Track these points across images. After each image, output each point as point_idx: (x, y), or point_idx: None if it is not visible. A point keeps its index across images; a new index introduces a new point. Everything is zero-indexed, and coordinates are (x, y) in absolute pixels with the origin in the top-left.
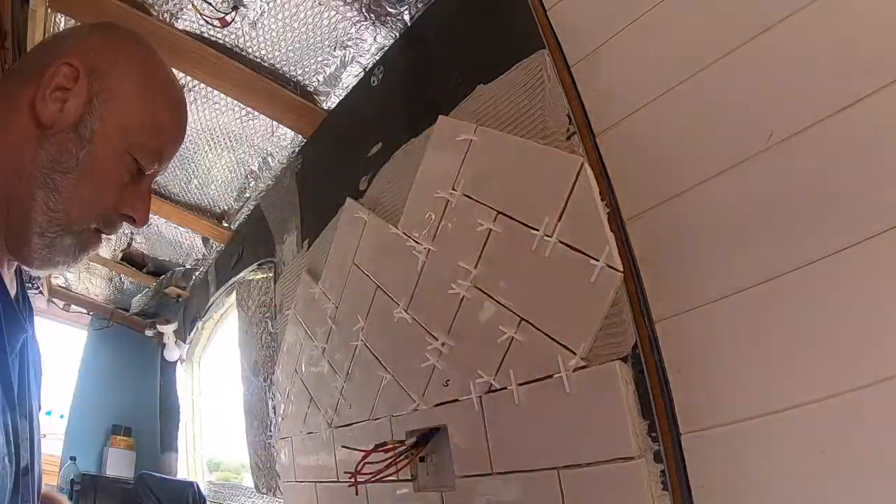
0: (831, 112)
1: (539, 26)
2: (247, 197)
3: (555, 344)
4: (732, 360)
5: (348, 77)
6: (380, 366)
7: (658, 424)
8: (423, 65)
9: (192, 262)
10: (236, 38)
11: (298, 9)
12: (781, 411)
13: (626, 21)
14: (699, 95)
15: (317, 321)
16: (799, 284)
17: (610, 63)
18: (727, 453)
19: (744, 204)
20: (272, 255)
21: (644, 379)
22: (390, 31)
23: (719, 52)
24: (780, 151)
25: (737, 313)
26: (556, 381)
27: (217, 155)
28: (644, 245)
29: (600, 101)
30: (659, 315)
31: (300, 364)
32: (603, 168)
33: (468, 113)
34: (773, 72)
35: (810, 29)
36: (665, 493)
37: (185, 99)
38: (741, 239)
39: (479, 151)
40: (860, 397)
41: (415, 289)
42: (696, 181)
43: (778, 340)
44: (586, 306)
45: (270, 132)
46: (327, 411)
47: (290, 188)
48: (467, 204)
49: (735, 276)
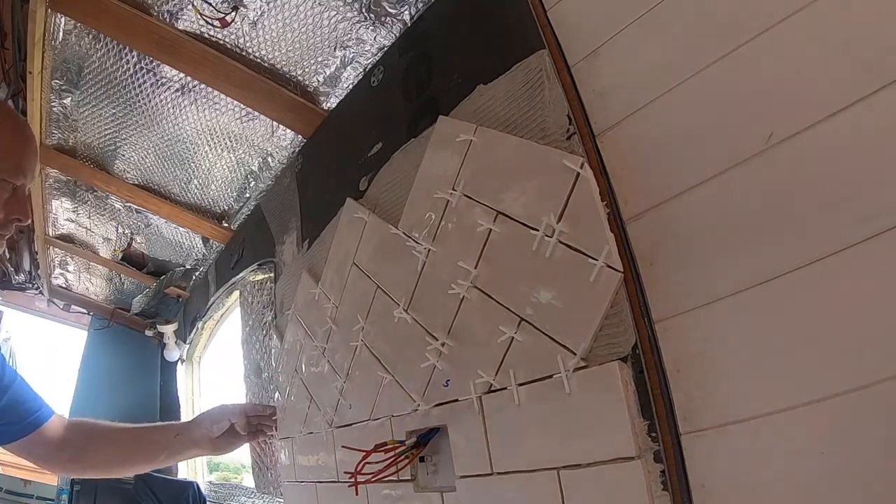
0: (831, 112)
1: (539, 26)
2: (247, 197)
3: (555, 344)
4: (732, 360)
5: (348, 77)
6: (380, 366)
7: (658, 424)
8: (423, 65)
9: (192, 262)
10: (236, 39)
11: (298, 9)
12: (781, 411)
13: (626, 21)
14: (699, 95)
15: (317, 321)
16: (799, 284)
17: (610, 63)
18: (727, 453)
19: (744, 204)
20: (272, 255)
21: (644, 379)
22: (390, 31)
23: (719, 52)
24: (780, 151)
25: (737, 313)
26: (556, 381)
27: (217, 155)
28: (644, 245)
29: (600, 102)
30: (659, 315)
31: (300, 364)
32: (603, 168)
33: (468, 113)
34: (773, 72)
35: (810, 29)
36: (665, 493)
37: (26, 122)
38: (741, 239)
39: (479, 151)
40: (860, 397)
41: (415, 289)
42: (696, 181)
43: (778, 340)
44: (586, 306)
45: (270, 132)
46: (327, 411)
47: (290, 188)
48: (467, 204)
49: (735, 276)
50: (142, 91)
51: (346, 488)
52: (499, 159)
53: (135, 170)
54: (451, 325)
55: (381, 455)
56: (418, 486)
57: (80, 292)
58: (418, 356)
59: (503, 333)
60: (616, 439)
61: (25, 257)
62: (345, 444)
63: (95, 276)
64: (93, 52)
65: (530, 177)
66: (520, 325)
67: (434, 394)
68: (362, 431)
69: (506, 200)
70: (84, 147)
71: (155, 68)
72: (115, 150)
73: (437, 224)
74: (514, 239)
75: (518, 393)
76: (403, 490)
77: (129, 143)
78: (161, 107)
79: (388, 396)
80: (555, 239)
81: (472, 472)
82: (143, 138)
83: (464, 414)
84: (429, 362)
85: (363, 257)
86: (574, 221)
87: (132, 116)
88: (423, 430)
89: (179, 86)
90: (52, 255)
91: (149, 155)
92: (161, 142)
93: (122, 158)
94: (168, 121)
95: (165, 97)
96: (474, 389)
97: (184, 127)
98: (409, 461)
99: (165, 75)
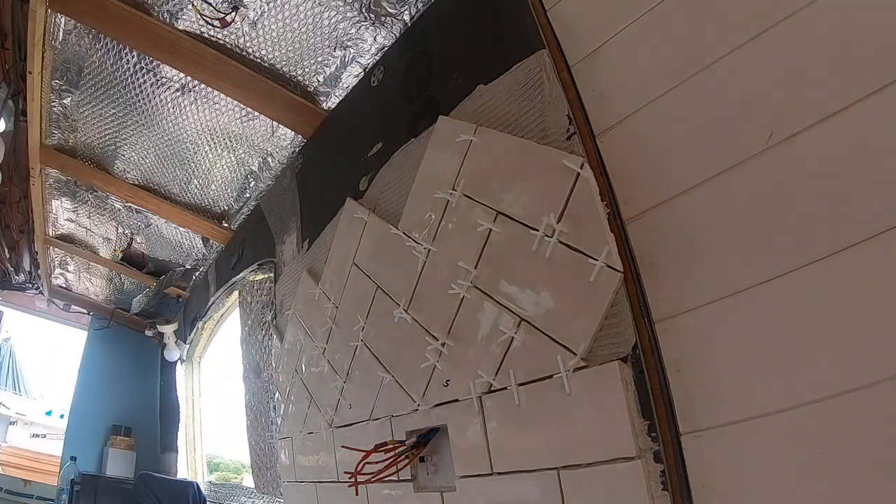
0: (831, 112)
1: (539, 26)
2: (247, 197)
3: (555, 344)
4: (732, 360)
5: (348, 77)
6: (380, 366)
7: (658, 424)
8: (423, 65)
9: (192, 262)
10: (236, 39)
11: (298, 9)
12: (781, 411)
13: (626, 21)
14: (699, 95)
15: (317, 321)
16: (799, 284)
17: (610, 63)
18: (727, 453)
19: (744, 204)
20: (272, 255)
21: (644, 379)
22: (390, 31)
23: (719, 52)
24: (780, 151)
25: (737, 313)
26: (556, 382)
27: (217, 155)
28: (644, 245)
29: (600, 101)
30: (659, 315)
31: (300, 364)
32: (603, 168)
33: (468, 113)
34: (773, 72)
35: (810, 29)
36: (665, 493)
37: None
38: (742, 239)
39: (478, 151)
40: (860, 397)
41: (415, 289)
42: (696, 181)
43: (778, 340)
44: (586, 306)
45: (270, 132)
46: (327, 411)
47: (290, 188)
48: (467, 204)
49: (735, 277)
50: (142, 91)
51: (346, 488)
52: (499, 159)
53: (135, 170)
54: (451, 325)
55: (381, 455)
56: (418, 486)
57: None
58: (418, 356)
59: (503, 333)
60: (616, 439)
61: (25, 257)
62: (345, 444)
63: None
64: (93, 52)
65: (530, 177)
66: (520, 325)
67: (434, 394)
68: (362, 431)
69: (506, 200)
70: (84, 147)
71: (155, 68)
72: (115, 150)
73: (437, 224)
74: (514, 239)
75: (518, 393)
76: (403, 490)
77: (129, 142)
78: (161, 107)
79: (388, 396)
80: (555, 239)
81: (472, 472)
82: (143, 138)
83: (464, 414)
84: (429, 362)
85: (363, 257)
86: (574, 221)
87: (132, 116)
88: (423, 430)
89: (179, 86)
90: (52, 255)
91: (149, 155)
92: (161, 142)
93: (122, 158)
94: (168, 121)
95: (165, 97)
96: (474, 389)
97: (184, 127)
98: (409, 461)
99: (165, 75)
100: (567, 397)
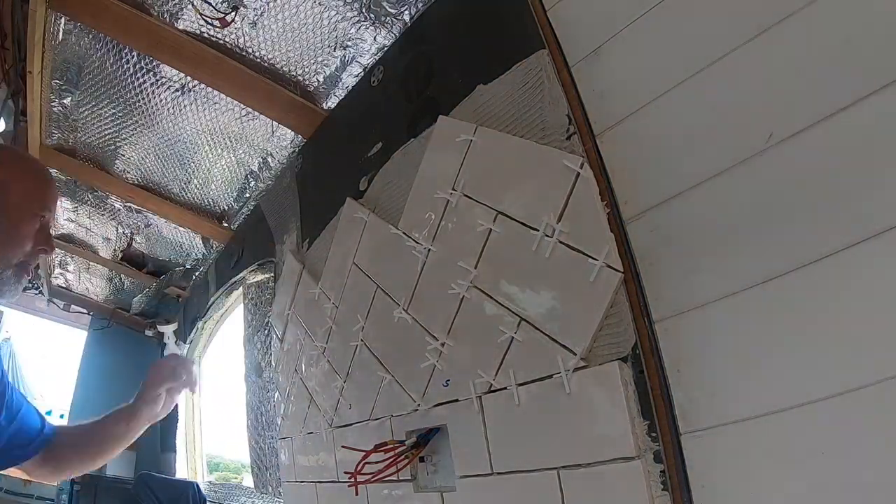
0: (831, 112)
1: (539, 26)
2: (247, 197)
3: (555, 344)
4: (732, 360)
5: (348, 77)
6: (380, 366)
7: (658, 424)
8: (423, 65)
9: (192, 262)
10: (236, 39)
11: (298, 9)
12: (781, 411)
13: (626, 21)
14: (699, 95)
15: (317, 321)
16: (799, 284)
17: (610, 63)
18: (727, 453)
19: (744, 204)
20: (272, 255)
21: (644, 379)
22: (390, 31)
23: (719, 52)
24: (780, 151)
25: (737, 313)
26: (556, 381)
27: (217, 155)
28: (644, 245)
29: (600, 101)
30: (659, 315)
31: (300, 364)
32: (603, 168)
33: (468, 113)
34: (773, 72)
35: (810, 29)
36: (665, 493)
37: (39, 161)
38: (741, 239)
39: (478, 151)
40: (860, 397)
41: (415, 289)
42: (696, 181)
43: (778, 340)
44: (586, 306)
45: (270, 132)
46: (327, 411)
47: (290, 188)
48: (467, 204)
49: (735, 276)
50: (142, 91)
51: (346, 488)
52: (499, 159)
53: (135, 170)
54: (450, 325)
55: (381, 455)
56: (418, 486)
57: (80, 292)
58: (418, 356)
59: (503, 333)
60: (616, 439)
61: None
62: (345, 444)
63: (95, 276)
64: (93, 52)
65: (530, 177)
66: (520, 325)
67: (434, 394)
68: (362, 431)
69: (506, 200)
70: (84, 147)
71: (155, 68)
72: (115, 150)
73: (437, 224)
74: (513, 239)
75: (518, 393)
76: (403, 490)
77: (129, 142)
78: (161, 107)
79: (388, 396)
80: (555, 239)
81: (472, 472)
82: (143, 138)
83: (464, 414)
84: (429, 362)
85: (363, 257)
86: (574, 221)
87: (132, 116)
88: (423, 430)
89: (179, 86)
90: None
91: (149, 155)
92: (161, 142)
93: (122, 158)
94: (168, 121)
95: (165, 97)
96: (474, 389)
97: (184, 127)
98: (409, 461)
99: (165, 75)
100: (567, 397)
